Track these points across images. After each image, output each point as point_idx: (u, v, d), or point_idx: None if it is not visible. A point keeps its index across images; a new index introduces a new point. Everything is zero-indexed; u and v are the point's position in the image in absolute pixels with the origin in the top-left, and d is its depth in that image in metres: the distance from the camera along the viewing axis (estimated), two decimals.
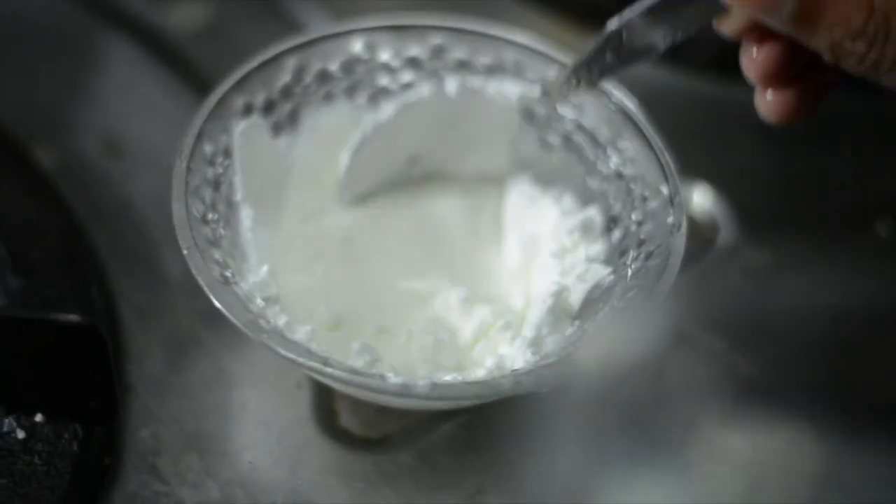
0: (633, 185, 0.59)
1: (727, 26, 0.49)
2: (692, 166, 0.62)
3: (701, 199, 0.68)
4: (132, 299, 0.62)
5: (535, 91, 0.60)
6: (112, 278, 0.63)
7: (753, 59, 0.50)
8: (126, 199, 0.66)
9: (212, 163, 0.57)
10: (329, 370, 0.50)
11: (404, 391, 0.50)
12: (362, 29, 0.63)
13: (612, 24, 0.50)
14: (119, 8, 0.76)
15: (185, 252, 0.53)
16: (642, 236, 0.57)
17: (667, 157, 0.57)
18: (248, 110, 0.60)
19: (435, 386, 0.50)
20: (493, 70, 0.62)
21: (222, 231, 0.57)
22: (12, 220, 0.62)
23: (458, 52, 0.63)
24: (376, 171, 0.63)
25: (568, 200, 0.62)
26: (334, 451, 0.57)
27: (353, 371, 0.51)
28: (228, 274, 0.54)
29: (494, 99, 0.62)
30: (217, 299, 0.52)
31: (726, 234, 0.68)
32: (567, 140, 0.62)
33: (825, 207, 0.70)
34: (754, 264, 0.67)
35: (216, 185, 0.58)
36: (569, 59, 0.58)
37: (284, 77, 0.61)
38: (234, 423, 0.58)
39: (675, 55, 0.73)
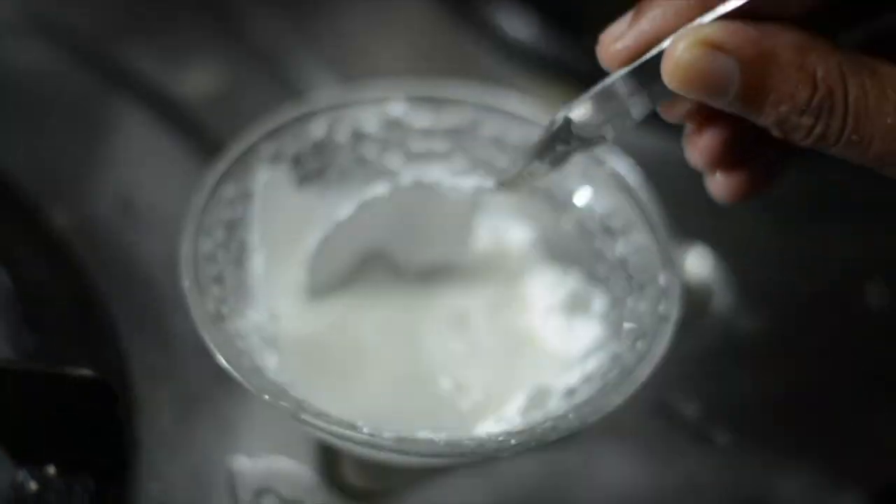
0: (633, 273, 0.59)
1: (670, 113, 0.49)
2: (689, 231, 0.63)
3: (696, 263, 0.70)
4: (143, 358, 0.63)
5: (488, 184, 0.59)
6: (123, 337, 0.64)
7: (697, 146, 0.50)
8: (138, 259, 0.68)
9: (231, 204, 0.59)
10: (303, 416, 0.51)
11: (371, 442, 0.50)
12: (398, 97, 0.64)
13: (559, 115, 0.49)
14: (133, 74, 0.78)
15: (184, 285, 0.55)
16: (633, 320, 0.58)
17: (670, 248, 0.58)
18: (275, 159, 0.61)
19: (401, 440, 0.50)
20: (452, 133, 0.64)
21: (230, 269, 0.58)
22: (26, 278, 0.63)
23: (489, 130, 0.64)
24: (337, 269, 0.63)
25: (573, 281, 0.63)
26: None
27: (324, 416, 0.51)
28: (225, 310, 0.56)
29: (448, 193, 0.62)
30: (202, 329, 0.53)
31: (721, 298, 0.69)
32: (579, 224, 0.63)
33: (818, 272, 0.71)
34: (748, 329, 0.68)
35: (231, 226, 0.59)
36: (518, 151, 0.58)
37: (317, 132, 0.63)
38: (239, 477, 0.59)
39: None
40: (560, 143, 0.50)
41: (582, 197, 0.62)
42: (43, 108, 0.75)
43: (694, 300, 0.68)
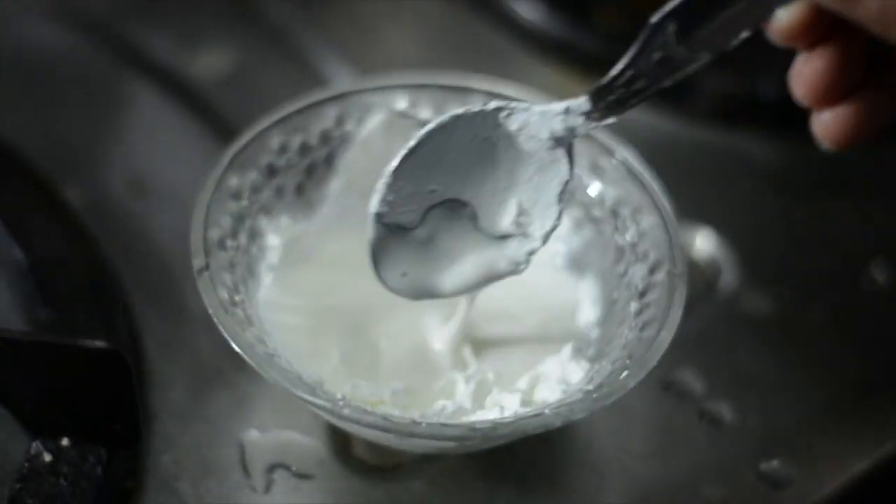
0: (641, 257, 0.59)
1: (777, 27, 0.45)
2: (696, 211, 0.63)
3: (704, 243, 0.70)
4: (155, 331, 0.64)
5: (583, 105, 0.53)
6: (136, 311, 0.64)
7: (804, 75, 0.46)
8: (149, 235, 0.68)
9: (237, 196, 0.59)
10: (317, 400, 0.51)
11: (385, 425, 0.51)
12: (405, 85, 0.64)
13: (655, 16, 0.46)
14: (147, 55, 0.79)
15: (196, 271, 0.55)
16: (640, 307, 0.58)
17: (678, 237, 0.58)
18: (283, 150, 0.62)
19: (415, 423, 0.51)
20: None
21: (240, 257, 0.59)
22: (41, 253, 0.64)
23: (426, 109, 0.64)
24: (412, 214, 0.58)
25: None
26: (348, 478, 0.59)
27: (341, 400, 0.52)
28: (238, 298, 0.56)
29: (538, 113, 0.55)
30: (216, 317, 0.54)
31: (728, 277, 0.70)
32: (589, 214, 0.63)
33: (824, 251, 0.72)
34: (754, 307, 0.69)
35: (232, 266, 0.58)
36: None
37: (326, 123, 0.63)
38: (251, 451, 0.59)
39: (682, 106, 0.75)
40: (657, 51, 0.47)
41: (593, 188, 0.63)
42: (58, 86, 0.76)
43: (701, 279, 0.69)
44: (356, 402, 0.53)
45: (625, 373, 0.53)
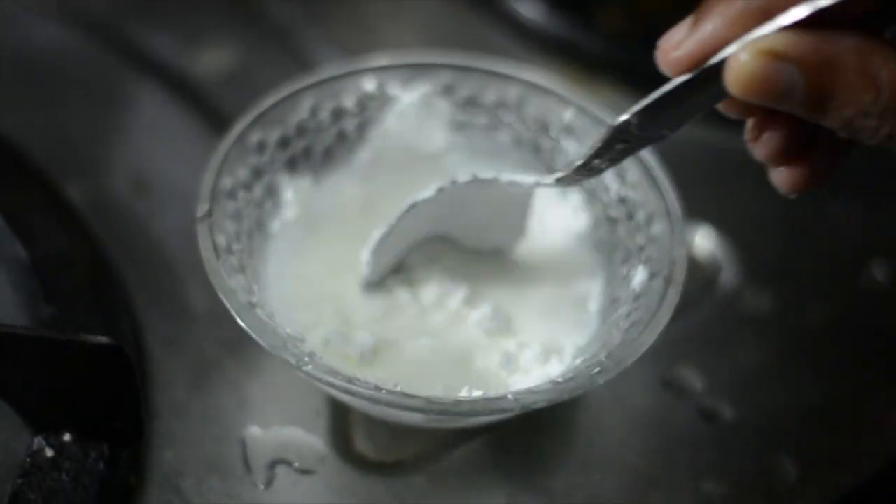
0: (646, 262, 0.60)
1: (732, 110, 0.49)
2: (696, 209, 0.63)
3: (704, 240, 0.71)
4: (157, 328, 0.64)
5: (546, 180, 0.58)
6: (138, 308, 0.65)
7: (759, 141, 0.50)
8: (152, 233, 0.68)
9: (232, 196, 0.59)
10: (355, 388, 0.52)
11: (348, 388, 0.52)
12: (448, 65, 0.66)
13: (619, 119, 0.50)
14: (149, 54, 0.79)
15: (197, 217, 0.57)
16: (630, 310, 0.58)
17: (682, 246, 0.58)
18: (261, 147, 0.62)
19: (377, 389, 0.52)
20: (498, 106, 0.65)
21: (250, 209, 0.60)
22: (44, 251, 0.64)
23: (465, 91, 0.66)
24: (394, 254, 0.64)
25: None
26: (349, 474, 0.59)
27: (377, 388, 0.52)
28: (236, 247, 0.57)
29: (507, 187, 0.61)
30: (206, 261, 0.55)
31: (728, 275, 0.70)
32: (607, 213, 0.64)
33: (824, 249, 0.72)
34: (754, 306, 0.69)
35: (238, 217, 0.60)
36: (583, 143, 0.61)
37: (301, 114, 0.64)
38: (253, 447, 0.60)
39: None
40: (619, 142, 0.52)
41: (613, 188, 0.63)
42: (61, 86, 0.76)
43: (701, 277, 0.69)
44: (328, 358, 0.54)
45: (597, 369, 0.54)
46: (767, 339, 0.67)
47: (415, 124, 0.66)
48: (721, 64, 0.45)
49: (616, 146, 0.52)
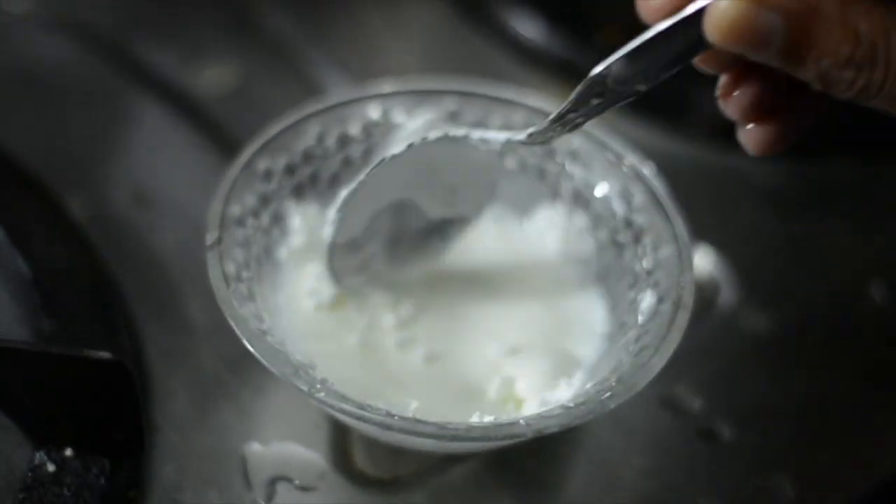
0: (654, 286, 0.60)
1: (706, 64, 0.49)
2: (695, 230, 0.64)
3: (703, 261, 0.71)
4: (158, 342, 0.64)
5: (519, 136, 0.57)
6: (139, 322, 0.65)
7: (731, 97, 0.49)
8: (152, 248, 0.68)
9: (241, 223, 0.60)
10: (367, 414, 0.52)
11: (360, 414, 0.52)
12: (453, 91, 0.66)
13: (595, 70, 0.50)
14: (151, 69, 0.79)
15: (207, 245, 0.56)
16: (640, 333, 0.59)
17: (690, 270, 0.59)
18: (268, 174, 0.62)
19: (389, 415, 0.52)
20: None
21: (258, 237, 0.60)
22: (45, 265, 0.64)
23: (471, 116, 0.66)
24: (361, 216, 0.63)
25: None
26: (349, 490, 0.59)
27: (389, 414, 0.52)
28: (245, 274, 0.57)
29: (477, 146, 0.60)
30: (216, 289, 0.55)
31: (727, 295, 0.70)
32: (614, 238, 0.64)
33: (822, 270, 0.72)
34: (753, 326, 0.69)
35: (247, 244, 0.60)
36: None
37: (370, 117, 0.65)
38: (253, 462, 0.60)
39: (682, 125, 0.76)
40: (594, 97, 0.51)
41: (620, 212, 0.64)
42: (63, 100, 0.77)
43: (699, 297, 0.69)
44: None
45: (608, 394, 0.54)
46: (766, 359, 0.68)
47: (423, 148, 0.65)
48: (700, 12, 0.45)
49: (592, 100, 0.51)
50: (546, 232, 0.67)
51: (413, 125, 0.64)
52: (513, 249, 0.67)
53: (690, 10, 0.45)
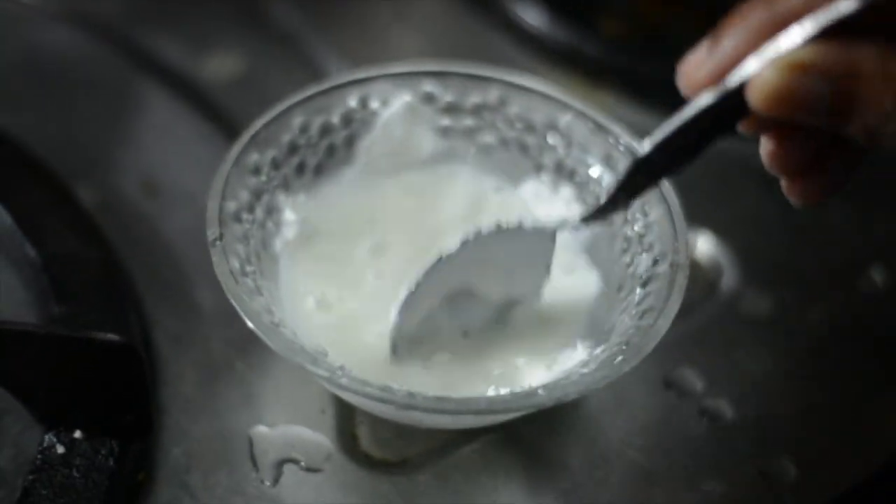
0: (647, 249, 0.61)
1: (750, 127, 0.49)
2: (697, 214, 0.64)
3: (705, 245, 0.71)
4: (167, 326, 0.65)
5: (571, 221, 0.59)
6: (147, 306, 0.65)
7: (775, 157, 0.50)
8: (161, 233, 0.69)
9: (238, 219, 0.60)
10: (390, 396, 0.53)
11: (383, 395, 0.52)
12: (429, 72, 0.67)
13: (642, 151, 0.51)
14: (158, 57, 0.80)
15: (209, 241, 0.57)
16: (642, 297, 0.59)
17: (683, 228, 0.59)
18: (257, 168, 0.63)
19: (411, 395, 0.53)
20: (479, 109, 0.67)
21: (255, 231, 0.61)
22: (55, 251, 0.64)
23: (448, 96, 0.67)
24: (421, 312, 0.62)
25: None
26: (355, 472, 0.60)
27: (411, 395, 0.53)
28: (249, 269, 0.58)
29: (531, 231, 0.61)
30: (225, 285, 0.55)
31: (729, 278, 0.71)
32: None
33: (824, 253, 0.73)
34: (754, 308, 0.70)
35: (246, 239, 0.60)
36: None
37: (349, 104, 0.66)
38: (260, 444, 0.60)
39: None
40: (641, 175, 0.52)
41: (606, 179, 0.64)
42: (71, 89, 0.77)
43: (701, 280, 0.70)
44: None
45: (619, 358, 0.55)
46: (767, 341, 0.68)
47: (401, 133, 0.66)
48: (742, 83, 0.45)
49: (638, 179, 0.53)
50: (531, 204, 0.67)
51: (392, 108, 0.65)
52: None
53: (734, 83, 0.46)
